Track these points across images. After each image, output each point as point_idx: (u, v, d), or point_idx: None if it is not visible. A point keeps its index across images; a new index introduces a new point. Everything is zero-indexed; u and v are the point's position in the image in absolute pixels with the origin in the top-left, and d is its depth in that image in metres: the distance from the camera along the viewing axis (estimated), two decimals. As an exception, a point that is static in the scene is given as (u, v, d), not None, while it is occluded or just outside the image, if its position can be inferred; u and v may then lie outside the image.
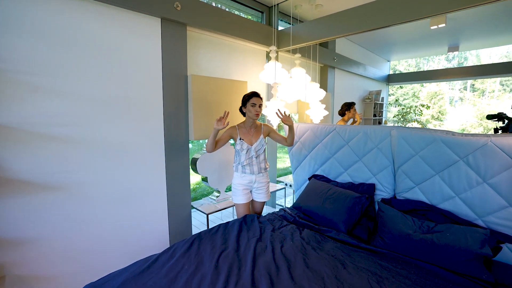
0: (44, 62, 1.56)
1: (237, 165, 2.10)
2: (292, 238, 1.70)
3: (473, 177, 1.58)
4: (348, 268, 1.39)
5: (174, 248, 1.50)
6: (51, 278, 1.65)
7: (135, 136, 1.98)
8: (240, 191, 2.09)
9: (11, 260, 1.52)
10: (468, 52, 15.52)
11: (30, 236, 1.58)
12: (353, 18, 2.44)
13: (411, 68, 15.47)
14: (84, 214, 1.78)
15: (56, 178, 1.64)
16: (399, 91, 12.42)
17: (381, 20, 2.30)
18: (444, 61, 16.01)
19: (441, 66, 15.26)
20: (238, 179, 2.10)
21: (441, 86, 11.96)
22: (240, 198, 2.08)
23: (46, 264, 1.64)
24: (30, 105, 1.53)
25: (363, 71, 4.62)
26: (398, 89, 12.39)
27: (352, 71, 4.32)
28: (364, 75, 4.70)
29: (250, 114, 2.02)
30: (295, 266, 1.39)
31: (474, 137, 1.57)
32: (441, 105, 11.48)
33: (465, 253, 1.35)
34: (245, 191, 2.11)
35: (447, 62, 16.38)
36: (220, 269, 1.32)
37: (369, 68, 4.87)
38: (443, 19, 3.11)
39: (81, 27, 1.68)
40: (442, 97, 11.75)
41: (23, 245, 1.55)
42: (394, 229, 1.61)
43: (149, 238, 2.12)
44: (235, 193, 2.11)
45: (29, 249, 1.58)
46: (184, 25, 2.16)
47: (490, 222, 1.55)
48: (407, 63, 15.08)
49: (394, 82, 5.74)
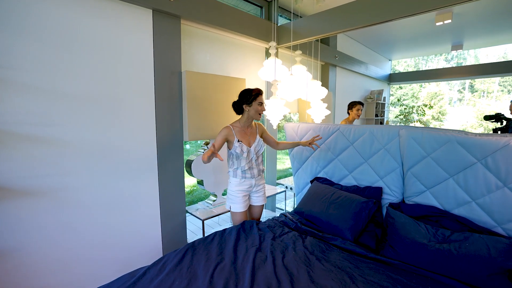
0: (23, 56, 1.41)
1: (236, 170, 1.89)
2: (295, 248, 1.57)
3: (493, 181, 1.45)
4: (357, 282, 1.25)
5: (164, 260, 1.36)
6: (28, 294, 1.49)
7: (125, 137, 1.84)
8: (240, 198, 1.89)
9: (-17, 275, 1.36)
10: (466, 52, 15.51)
11: (10, 246, 1.42)
12: (355, 12, 2.32)
13: (410, 68, 15.42)
14: (69, 221, 1.62)
15: (37, 182, 1.49)
16: (398, 91, 12.35)
17: (384, 13, 2.18)
18: (443, 62, 16.00)
19: (440, 66, 15.23)
20: (238, 185, 1.89)
21: (441, 87, 11.89)
22: (240, 205, 1.89)
23: (27, 276, 1.48)
24: (6, 102, 1.38)
25: (364, 69, 4.50)
26: (397, 89, 12.32)
27: (354, 69, 4.19)
28: (366, 74, 4.58)
29: (254, 113, 1.83)
30: (298, 280, 1.25)
31: (494, 137, 1.44)
32: (441, 105, 11.41)
33: (488, 266, 1.21)
34: (244, 197, 1.92)
35: (446, 63, 16.37)
36: (214, 285, 1.18)
37: (371, 67, 4.75)
38: (450, 15, 3.00)
39: (64, 19, 1.53)
40: (442, 97, 11.68)
41: (3, 255, 1.40)
42: (406, 238, 1.47)
43: (141, 246, 1.97)
44: (234, 200, 1.90)
45: (10, 259, 1.42)
46: (177, 18, 2.02)
47: (511, 230, 1.42)
48: (406, 63, 15.03)
49: (395, 82, 5.63)
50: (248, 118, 1.87)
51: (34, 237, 1.51)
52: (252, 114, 1.84)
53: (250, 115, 1.85)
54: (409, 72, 5.87)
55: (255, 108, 1.82)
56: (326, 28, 2.49)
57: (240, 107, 1.86)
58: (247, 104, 1.82)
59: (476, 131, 11.12)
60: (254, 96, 1.81)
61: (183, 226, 2.22)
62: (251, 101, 1.81)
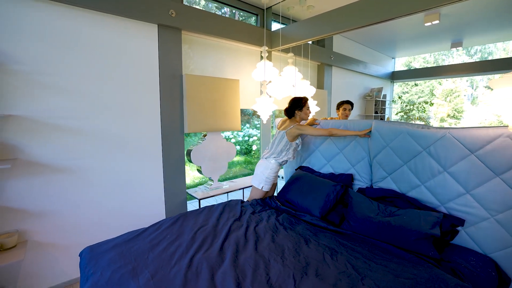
0: (56, 65, 1.86)
1: (281, 159, 2.30)
2: (268, 220, 1.89)
3: (435, 167, 1.69)
4: (310, 244, 1.56)
5: (161, 223, 1.75)
6: (62, 246, 1.96)
7: (135, 129, 2.26)
8: (272, 181, 2.35)
9: (32, 229, 1.84)
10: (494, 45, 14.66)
11: (47, 209, 1.89)
12: (339, 17, 2.56)
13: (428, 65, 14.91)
14: (91, 195, 2.07)
15: (66, 163, 1.95)
16: (413, 89, 12.07)
17: (370, 16, 2.33)
18: (465, 56, 15.28)
19: (460, 61, 14.58)
20: (276, 172, 2.34)
21: (457, 83, 11.48)
22: (269, 186, 2.35)
23: (59, 233, 1.95)
24: (43, 101, 1.83)
25: (363, 68, 4.67)
26: (412, 86, 12.04)
27: (351, 68, 4.39)
28: (365, 72, 4.75)
29: (304, 116, 2.29)
30: (262, 240, 1.59)
31: (434, 130, 1.68)
32: (457, 102, 11.03)
33: (416, 233, 1.48)
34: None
35: (469, 58, 15.61)
36: (196, 239, 1.55)
37: (371, 65, 4.90)
38: (437, 15, 3.14)
39: (89, 34, 1.97)
40: (458, 94, 11.27)
41: (41, 216, 1.87)
42: (358, 213, 1.75)
43: (147, 221, 2.39)
44: (268, 182, 2.32)
45: (47, 220, 1.89)
46: (179, 30, 2.41)
47: (451, 208, 1.65)
48: (424, 59, 14.56)
49: (398, 79, 5.70)
50: (300, 119, 2.30)
51: (64, 205, 1.96)
52: (303, 116, 2.29)
53: (302, 117, 2.30)
54: (412, 69, 5.88)
55: (305, 112, 2.28)
56: (312, 33, 2.76)
57: (292, 112, 2.28)
58: (299, 109, 2.26)
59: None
60: (304, 103, 2.27)
61: (184, 205, 2.63)
62: (301, 107, 2.26)
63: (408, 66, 13.25)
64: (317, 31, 2.73)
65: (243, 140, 5.73)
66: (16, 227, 1.79)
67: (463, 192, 1.59)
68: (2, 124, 1.69)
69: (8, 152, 1.73)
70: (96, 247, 1.48)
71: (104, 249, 1.45)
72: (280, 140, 2.28)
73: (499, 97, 1.30)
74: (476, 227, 1.55)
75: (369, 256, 1.41)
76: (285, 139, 2.25)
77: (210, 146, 2.71)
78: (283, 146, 2.28)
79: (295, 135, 2.24)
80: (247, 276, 1.22)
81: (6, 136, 1.71)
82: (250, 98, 3.19)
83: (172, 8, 2.28)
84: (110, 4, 1.97)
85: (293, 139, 2.26)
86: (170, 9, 2.26)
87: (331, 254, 1.43)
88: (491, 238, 1.50)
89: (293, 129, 2.21)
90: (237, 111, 2.82)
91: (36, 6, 1.76)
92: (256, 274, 1.24)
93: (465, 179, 1.57)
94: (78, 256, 1.70)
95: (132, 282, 1.17)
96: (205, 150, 2.68)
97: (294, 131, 2.22)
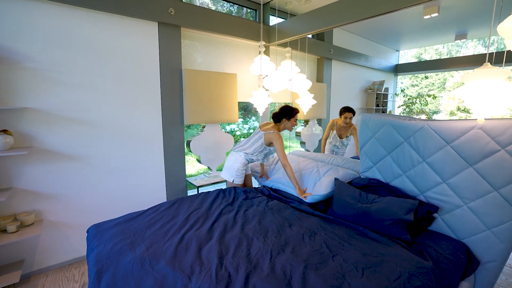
0: (66, 63, 2.04)
1: (251, 157, 2.37)
2: (258, 205, 2.04)
3: (415, 157, 1.78)
4: (293, 226, 1.70)
5: (159, 206, 1.93)
6: (73, 225, 2.18)
7: (138, 120, 2.43)
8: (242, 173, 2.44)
9: (47, 209, 2.06)
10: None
11: (60, 192, 2.11)
12: (336, 11, 2.59)
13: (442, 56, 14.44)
14: (98, 180, 2.28)
15: (75, 151, 2.15)
16: (423, 81, 11.78)
17: (367, 10, 2.34)
18: (480, 47, 14.70)
19: (476, 52, 14.06)
20: (244, 164, 2.39)
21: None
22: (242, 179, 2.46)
23: (70, 214, 2.17)
24: (55, 95, 2.02)
25: (364, 61, 4.67)
26: (422, 79, 11.75)
27: (352, 62, 4.41)
28: (367, 65, 4.75)
29: (290, 126, 2.30)
30: (250, 223, 1.74)
31: (414, 121, 1.76)
32: (470, 95, 10.64)
33: (390, 218, 1.59)
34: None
35: (484, 49, 15.01)
36: (189, 220, 1.72)
37: (373, 58, 4.88)
38: (436, 8, 3.13)
39: (95, 34, 2.13)
40: (471, 87, 10.86)
41: (54, 198, 2.09)
42: (341, 200, 1.87)
43: (149, 205, 2.59)
44: (239, 175, 2.40)
45: (59, 201, 2.11)
46: (178, 27, 2.54)
47: (429, 197, 1.74)
48: (436, 50, 14.11)
49: (402, 72, 5.64)
50: (284, 128, 2.31)
51: (74, 188, 2.18)
52: (288, 126, 2.30)
53: (286, 126, 2.30)
54: (415, 62, 5.78)
55: (292, 123, 2.29)
56: (310, 27, 2.81)
57: (280, 118, 2.29)
58: (287, 118, 2.27)
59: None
60: (294, 114, 2.27)
61: (184, 192, 2.81)
62: (290, 117, 2.27)
63: (419, 58, 12.90)
64: (314, 25, 2.79)
65: (248, 132, 5.88)
66: (33, 207, 2.01)
67: (440, 182, 1.67)
68: (19, 116, 1.90)
69: (24, 141, 1.93)
70: (101, 224, 1.68)
71: (107, 226, 1.64)
72: (256, 140, 2.31)
73: (469, 91, 1.37)
74: (451, 214, 1.65)
75: (345, 238, 1.53)
76: (261, 140, 2.27)
77: (208, 137, 2.87)
78: (257, 147, 2.31)
79: (270, 141, 2.25)
80: (229, 251, 1.38)
81: (23, 126, 1.92)
82: (249, 91, 3.30)
83: (171, 6, 2.40)
84: (114, 5, 2.12)
85: (268, 144, 2.28)
86: (170, 7, 2.39)
87: (310, 235, 1.56)
88: (464, 225, 1.59)
89: (272, 134, 2.21)
90: (234, 104, 2.95)
91: (47, 9, 1.93)
92: (238, 249, 1.40)
93: (442, 169, 1.65)
94: (86, 233, 1.91)
95: (129, 253, 1.35)
96: (204, 141, 2.84)
97: (271, 136, 2.21)
